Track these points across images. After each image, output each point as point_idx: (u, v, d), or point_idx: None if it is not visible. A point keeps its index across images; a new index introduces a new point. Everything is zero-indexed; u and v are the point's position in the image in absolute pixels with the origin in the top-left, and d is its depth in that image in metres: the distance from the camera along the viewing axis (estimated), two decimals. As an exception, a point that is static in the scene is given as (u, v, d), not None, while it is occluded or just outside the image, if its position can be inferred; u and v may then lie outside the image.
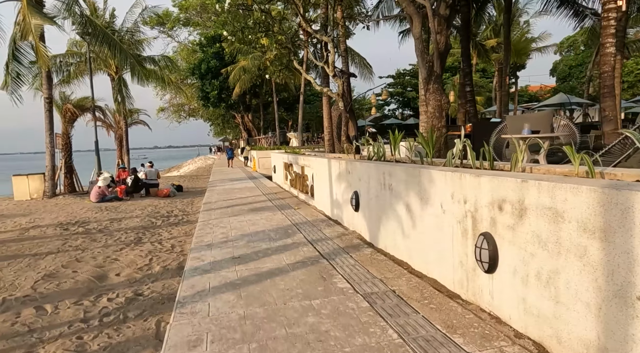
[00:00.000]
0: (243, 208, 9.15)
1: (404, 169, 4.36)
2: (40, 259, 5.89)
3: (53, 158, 12.80)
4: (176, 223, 8.85)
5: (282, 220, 7.52)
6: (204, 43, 30.15)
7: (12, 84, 13.46)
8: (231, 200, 10.82)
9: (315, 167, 8.86)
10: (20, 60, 13.48)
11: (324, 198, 8.11)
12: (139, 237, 7.46)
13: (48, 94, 12.73)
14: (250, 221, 7.54)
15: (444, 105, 6.83)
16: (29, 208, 11.06)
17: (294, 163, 11.57)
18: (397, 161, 5.94)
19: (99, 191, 11.86)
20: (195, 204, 11.79)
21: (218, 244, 5.86)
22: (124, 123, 20.96)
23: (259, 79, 27.53)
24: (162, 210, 10.70)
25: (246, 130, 39.67)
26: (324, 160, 7.97)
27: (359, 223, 5.97)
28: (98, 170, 14.71)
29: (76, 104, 14.21)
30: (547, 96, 39.88)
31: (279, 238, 6.03)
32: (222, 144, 78.20)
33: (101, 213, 9.95)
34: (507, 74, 15.32)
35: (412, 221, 4.24)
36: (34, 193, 12.88)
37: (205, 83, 29.91)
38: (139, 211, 10.39)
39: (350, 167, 6.26)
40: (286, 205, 9.45)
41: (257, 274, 4.37)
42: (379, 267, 4.38)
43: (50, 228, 8.12)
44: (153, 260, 5.82)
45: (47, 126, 12.74)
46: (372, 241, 5.47)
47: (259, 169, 22.58)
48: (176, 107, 41.74)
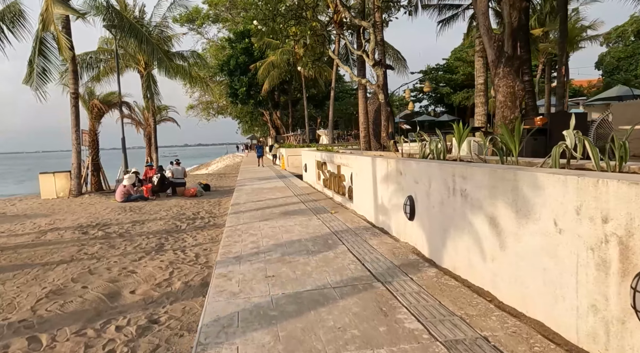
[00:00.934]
0: (274, 212, 8.32)
1: (488, 171, 3.36)
2: (49, 270, 5.23)
3: (79, 155, 12.43)
4: (202, 227, 8.12)
5: (319, 226, 6.62)
6: (232, 39, 29.68)
7: (37, 80, 13.16)
8: (261, 201, 10.03)
9: (354, 167, 7.91)
10: (47, 55, 13.17)
11: (365, 201, 7.16)
12: (160, 243, 6.75)
13: (74, 89, 12.34)
14: (283, 227, 6.69)
15: (518, 91, 5.74)
16: (52, 208, 10.65)
17: (328, 162, 10.67)
18: (462, 160, 4.92)
19: (124, 190, 11.35)
20: (222, 205, 11.09)
21: (248, 256, 5.02)
22: (153, 120, 20.64)
23: (288, 75, 26.79)
24: (188, 211, 10.03)
25: (274, 128, 39.11)
26: (366, 159, 7.02)
27: (414, 235, 4.99)
28: (125, 168, 14.30)
29: (103, 100, 13.81)
30: (593, 90, 37.35)
31: (318, 250, 5.13)
32: (250, 141, 78.36)
33: (124, 215, 9.36)
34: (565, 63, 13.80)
35: (498, 239, 3.24)
36: (60, 192, 12.55)
37: (233, 79, 29.44)
38: (163, 212, 9.75)
39: (402, 167, 5.28)
40: (321, 208, 8.56)
41: (297, 302, 3.49)
42: (452, 296, 3.41)
43: (68, 231, 7.54)
44: (174, 274, 5.04)
45: (73, 122, 12.35)
46: (432, 258, 4.49)
47: (288, 168, 21.83)
48: (205, 105, 41.67)
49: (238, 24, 31.35)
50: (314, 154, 12.81)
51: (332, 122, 22.64)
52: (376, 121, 13.66)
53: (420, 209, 4.77)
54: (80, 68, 19.13)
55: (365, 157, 7.13)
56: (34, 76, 13.19)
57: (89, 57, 19.33)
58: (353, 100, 48.48)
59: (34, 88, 13.24)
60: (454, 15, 19.16)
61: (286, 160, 22.12)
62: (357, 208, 7.83)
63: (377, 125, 13.74)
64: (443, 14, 18.07)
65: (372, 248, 5.09)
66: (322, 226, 6.65)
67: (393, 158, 6.01)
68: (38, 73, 13.24)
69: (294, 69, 25.75)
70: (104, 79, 21.88)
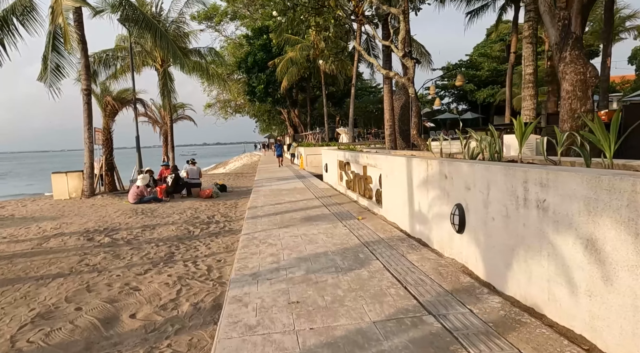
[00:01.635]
0: (295, 217, 7.60)
1: (585, 177, 2.54)
2: (43, 286, 4.62)
3: (92, 154, 11.98)
4: (216, 233, 7.46)
5: (346, 235, 5.87)
6: (250, 35, 29.13)
7: (51, 76, 12.77)
8: (279, 204, 9.33)
9: (384, 168, 7.12)
10: (60, 51, 12.76)
11: (398, 207, 6.37)
12: (171, 252, 6.10)
13: (86, 85, 11.89)
14: (306, 236, 5.95)
15: (589, 79, 4.84)
16: (62, 210, 10.19)
17: (352, 162, 9.90)
18: (523, 161, 4.10)
19: (137, 191, 10.82)
20: (239, 208, 10.44)
21: (266, 274, 4.30)
22: (169, 118, 20.22)
23: (307, 72, 26.07)
24: (203, 214, 9.41)
25: (292, 126, 38.48)
26: (399, 160, 6.22)
27: (464, 251, 4.18)
28: (139, 168, 13.83)
29: (116, 97, 13.35)
30: (626, 87, 35.48)
31: (349, 267, 4.38)
32: (268, 140, 78.08)
33: (135, 218, 8.80)
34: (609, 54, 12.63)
35: (601, 269, 2.43)
36: (73, 192, 12.13)
37: (251, 77, 28.89)
38: (176, 216, 9.15)
39: (449, 170, 4.48)
40: (346, 213, 7.80)
41: (330, 343, 2.75)
42: (533, 341, 2.61)
43: (73, 237, 6.98)
44: (182, 293, 4.36)
45: (86, 120, 11.90)
46: (491, 281, 3.69)
47: (307, 167, 21.13)
48: (223, 103, 41.34)
49: (256, 20, 30.79)
50: (335, 154, 12.06)
51: (352, 119, 21.82)
52: (402, 118, 12.81)
53: (474, 221, 3.96)
54: (97, 66, 18.85)
55: (398, 158, 6.33)
56: (48, 73, 12.81)
57: (105, 55, 18.99)
58: (372, 98, 47.44)
59: (48, 85, 12.86)
60: (484, 5, 18.09)
61: (305, 159, 21.42)
62: (387, 214, 7.04)
63: (404, 122, 12.88)
64: (472, 4, 17.05)
65: (413, 266, 4.31)
66: (349, 235, 5.89)
67: (432, 158, 5.21)
68: (52, 69, 12.86)
69: (314, 66, 25.00)
70: (122, 77, 21.62)
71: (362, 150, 11.38)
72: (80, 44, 11.57)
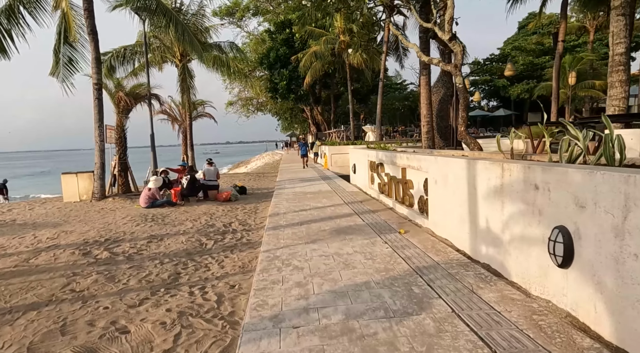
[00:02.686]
0: (323, 228, 6.48)
1: None
2: (7, 324, 3.64)
3: (103, 154, 11.17)
4: (232, 246, 6.41)
5: (389, 257, 4.71)
6: (273, 30, 28.16)
7: (64, 71, 12.06)
8: (304, 211, 8.23)
9: (432, 171, 5.90)
10: (73, 44, 12.03)
11: (452, 221, 5.15)
12: (176, 272, 5.08)
13: (97, 79, 11.09)
14: (340, 256, 4.82)
15: None
16: (68, 215, 9.39)
17: (387, 163, 8.70)
18: None
19: (149, 194, 9.92)
20: (259, 213, 9.39)
21: (292, 316, 3.20)
22: (188, 116, 19.42)
23: (331, 67, 24.89)
24: (218, 221, 8.40)
25: (315, 124, 37.39)
26: (455, 162, 5.00)
27: (573, 295, 2.96)
28: (154, 168, 13.00)
29: (130, 92, 12.53)
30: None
31: (403, 310, 3.23)
32: (290, 139, 77.22)
33: (143, 226, 7.85)
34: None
35: None
36: (84, 195, 11.36)
37: (273, 73, 27.93)
38: (189, 223, 8.17)
39: (543, 178, 3.25)
40: (383, 223, 6.63)
41: None
42: None
43: (68, 251, 6.05)
44: (180, 339, 3.30)
45: (96, 117, 11.10)
46: (628, 349, 2.46)
47: (331, 167, 19.99)
48: (245, 101, 40.64)
49: (279, 14, 29.79)
50: (365, 153, 10.88)
51: (380, 116, 20.54)
52: (440, 113, 11.51)
53: (592, 254, 2.74)
54: (116, 61, 18.22)
55: (454, 159, 5.11)
56: (60, 67, 12.11)
57: (124, 50, 18.32)
58: (398, 94, 45.89)
59: (61, 80, 12.17)
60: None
61: (329, 158, 20.28)
62: (435, 227, 5.83)
63: (442, 118, 11.57)
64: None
65: (494, 311, 3.11)
66: (393, 256, 4.72)
67: (507, 161, 3.98)
68: (64, 63, 12.15)
69: (338, 60, 23.81)
70: (142, 73, 20.99)
71: (397, 150, 10.16)
72: (90, 35, 10.76)
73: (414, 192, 7.06)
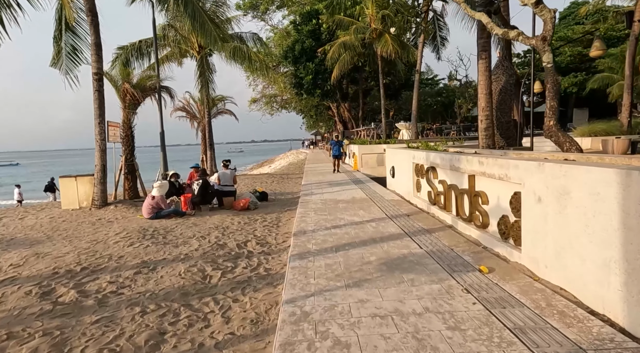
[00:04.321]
0: (368, 258, 4.76)
1: None
2: None
3: (104, 155, 9.76)
4: (244, 281, 4.77)
5: (486, 324, 2.93)
6: (298, 21, 26.51)
7: (67, 61, 10.74)
8: (338, 228, 6.51)
9: (531, 183, 4.06)
10: (76, 31, 10.71)
11: (581, 265, 3.32)
12: (160, 331, 3.47)
13: (97, 68, 9.67)
14: (404, 320, 3.08)
15: None
16: (56, 228, 8.00)
17: (443, 167, 6.86)
18: None
19: (153, 203, 8.42)
20: (282, 227, 7.74)
21: None
22: (207, 112, 18.01)
23: (360, 59, 23.01)
24: (232, 239, 6.79)
25: (342, 122, 35.56)
26: (593, 172, 3.16)
27: None
28: (164, 171, 11.57)
29: (137, 84, 11.10)
30: None
31: None
32: (314, 137, 75.47)
33: (137, 247, 6.31)
34: None
35: None
36: (84, 201, 10.01)
37: (298, 68, 26.27)
38: (195, 242, 6.59)
39: None
40: (449, 252, 4.85)
41: None
42: None
43: (24, 288, 4.53)
44: None
45: (96, 112, 9.70)
46: None
47: (361, 168, 18.20)
48: (268, 98, 39.22)
49: (305, 4, 28.07)
50: (409, 155, 9.06)
51: (415, 112, 18.58)
52: (500, 107, 9.55)
53: None
54: (131, 56, 16.98)
55: (583, 167, 3.26)
56: (62, 57, 10.80)
57: (139, 43, 17.04)
58: (429, 90, 43.43)
59: (64, 72, 10.86)
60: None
61: (359, 159, 18.48)
62: (536, 266, 3.98)
63: (503, 111, 9.59)
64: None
65: None
66: (493, 325, 2.93)
67: None
68: (67, 53, 10.84)
69: (369, 52, 21.92)
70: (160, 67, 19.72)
71: (448, 151, 8.29)
72: (89, 16, 9.37)
73: (490, 209, 5.22)
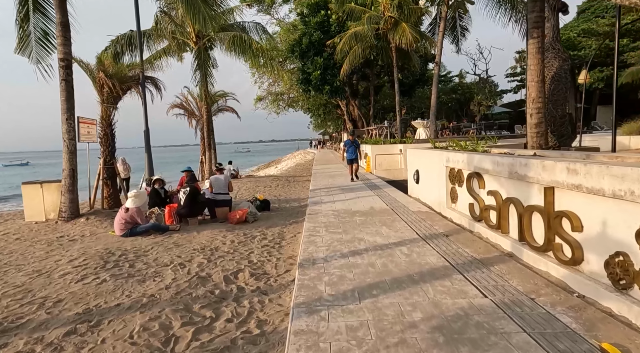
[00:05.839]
0: (408, 314, 3.14)
1: None
2: None
3: (73, 157, 8.20)
4: (223, 350, 3.15)
5: None
6: (305, 13, 24.88)
7: (37, 48, 9.23)
8: (359, 256, 4.88)
9: None
10: (47, 12, 9.19)
11: None
12: None
13: (64, 53, 8.12)
14: None
15: None
16: (2, 248, 6.46)
17: (497, 174, 5.19)
18: None
19: (126, 217, 6.84)
20: (285, 249, 6.12)
21: None
22: (206, 109, 16.45)
23: (373, 52, 21.32)
24: (218, 268, 5.20)
25: (351, 121, 33.86)
26: None
27: None
28: (148, 176, 10.02)
29: (115, 74, 9.47)
30: None
31: None
32: (322, 137, 73.78)
33: (88, 284, 4.72)
34: None
35: None
36: (51, 212, 8.50)
37: (306, 63, 24.65)
38: (170, 273, 5.00)
39: None
40: (531, 306, 3.19)
41: None
42: None
43: None
44: None
45: (64, 105, 8.15)
46: None
47: (375, 171, 16.55)
48: (274, 96, 37.63)
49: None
50: (441, 156, 7.39)
51: (434, 109, 16.89)
52: (553, 97, 7.85)
53: None
54: (121, 46, 15.50)
55: None
56: (32, 43, 9.29)
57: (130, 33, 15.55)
58: (442, 87, 41.52)
59: (34, 60, 9.36)
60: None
61: (372, 160, 16.83)
62: None
63: (556, 104, 7.89)
64: None
65: None
66: None
67: None
68: (38, 38, 9.33)
69: (382, 44, 20.22)
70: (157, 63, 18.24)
71: (490, 151, 6.62)
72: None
73: (586, 240, 3.55)
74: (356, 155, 12.76)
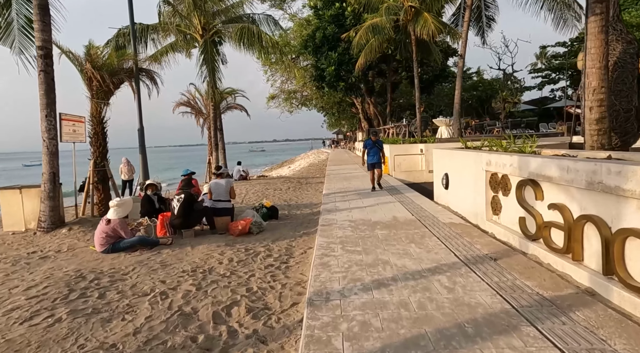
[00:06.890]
0: None
1: None
2: None
3: (54, 159, 7.24)
4: None
5: None
6: (319, 5, 23.74)
7: (21, 37, 8.34)
8: (385, 289, 3.75)
9: None
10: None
11: None
12: None
13: (42, 41, 7.15)
14: None
15: None
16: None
17: (565, 182, 3.98)
18: None
19: (107, 230, 5.85)
20: (292, 272, 5.04)
21: None
22: (212, 107, 15.49)
23: (391, 46, 20.08)
24: (208, 299, 4.16)
25: (367, 119, 32.62)
26: None
27: None
28: (142, 179, 9.06)
29: (104, 65, 8.48)
30: None
31: None
32: (336, 136, 72.56)
33: (36, 326, 3.71)
34: None
35: None
36: (31, 221, 7.57)
37: (320, 58, 23.52)
38: (147, 307, 3.97)
39: None
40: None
41: None
42: None
43: None
44: None
45: (43, 100, 7.19)
46: None
47: (393, 172, 15.35)
48: (287, 94, 36.59)
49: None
50: (478, 158, 6.20)
51: (458, 105, 15.62)
52: (616, 87, 6.59)
53: None
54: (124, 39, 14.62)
55: None
56: (14, 31, 8.41)
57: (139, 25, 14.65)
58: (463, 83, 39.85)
59: (17, 51, 8.47)
60: None
61: (391, 161, 15.62)
62: None
63: (619, 95, 6.63)
64: None
65: None
66: None
67: None
68: (21, 26, 8.45)
69: (401, 37, 18.97)
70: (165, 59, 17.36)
71: (540, 152, 5.42)
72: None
73: None
74: (379, 159, 10.35)
